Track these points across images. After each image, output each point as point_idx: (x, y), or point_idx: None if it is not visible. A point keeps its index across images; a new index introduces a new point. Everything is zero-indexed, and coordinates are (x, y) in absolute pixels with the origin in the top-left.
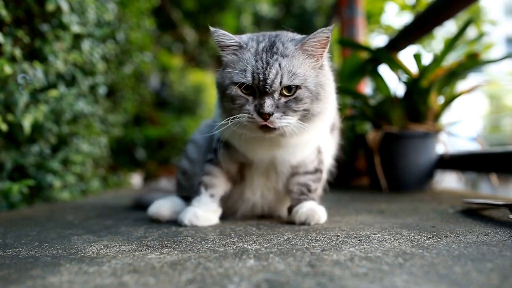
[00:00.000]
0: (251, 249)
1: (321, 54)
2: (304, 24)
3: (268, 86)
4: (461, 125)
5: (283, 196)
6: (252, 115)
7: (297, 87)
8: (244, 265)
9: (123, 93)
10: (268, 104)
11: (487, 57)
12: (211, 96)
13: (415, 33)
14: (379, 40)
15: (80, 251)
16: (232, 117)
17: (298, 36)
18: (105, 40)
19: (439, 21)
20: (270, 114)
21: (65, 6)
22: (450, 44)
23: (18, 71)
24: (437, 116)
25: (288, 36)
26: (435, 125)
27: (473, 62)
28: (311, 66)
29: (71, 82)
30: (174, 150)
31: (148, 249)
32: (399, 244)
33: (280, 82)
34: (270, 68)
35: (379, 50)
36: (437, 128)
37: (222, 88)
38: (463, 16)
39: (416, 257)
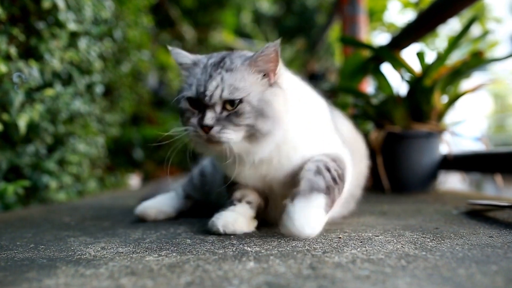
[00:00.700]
0: (251, 251)
1: (272, 70)
2: (305, 22)
3: (207, 98)
4: (465, 125)
5: None
6: (195, 128)
7: (240, 101)
8: (244, 267)
9: (120, 92)
10: (208, 117)
11: (491, 55)
12: None
13: (418, 31)
14: (381, 38)
15: (76, 253)
16: (184, 130)
17: (250, 54)
18: (102, 38)
19: (442, 19)
20: (210, 127)
21: (61, 4)
22: (454, 42)
23: (13, 70)
24: (440, 115)
25: (241, 54)
26: (438, 125)
27: (477, 61)
28: (258, 82)
29: (67, 81)
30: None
31: (146, 251)
32: (402, 246)
33: (220, 95)
34: (211, 81)
35: (382, 49)
36: (440, 128)
37: (177, 104)
38: (467, 13)
39: (419, 260)
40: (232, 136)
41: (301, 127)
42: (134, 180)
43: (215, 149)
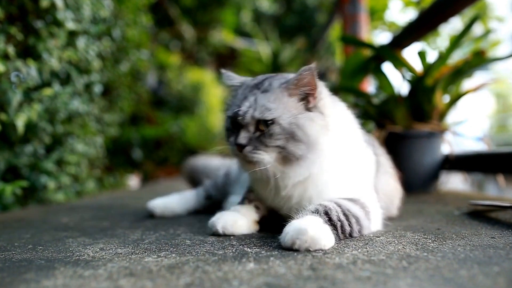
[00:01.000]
0: (251, 252)
1: (311, 94)
2: (305, 21)
3: (240, 118)
4: (467, 125)
5: None
6: (232, 146)
7: (272, 122)
8: (244, 268)
9: (119, 91)
10: (242, 136)
11: (493, 54)
12: (210, 95)
13: (419, 30)
14: (382, 37)
15: (75, 254)
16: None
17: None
18: (101, 37)
19: (444, 18)
20: (242, 146)
21: (59, 2)
22: (456, 41)
23: (11, 69)
24: (442, 115)
25: (283, 76)
26: (440, 125)
27: (479, 60)
28: (292, 105)
29: (65, 80)
30: (171, 150)
31: (145, 252)
32: (403, 247)
33: (252, 115)
34: (245, 101)
35: (383, 48)
36: (442, 128)
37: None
38: (469, 12)
39: (420, 260)
40: (264, 157)
41: (340, 163)
42: (133, 181)
43: (250, 168)
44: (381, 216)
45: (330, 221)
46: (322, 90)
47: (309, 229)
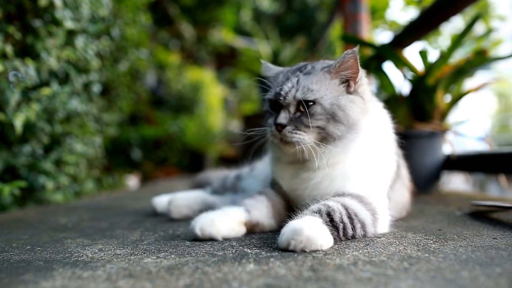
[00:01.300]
0: (251, 253)
1: (352, 78)
2: (305, 20)
3: (281, 98)
4: (469, 125)
5: None
6: (271, 127)
7: (313, 103)
8: (244, 269)
9: (118, 91)
10: (282, 116)
11: (495, 54)
12: (210, 94)
13: (421, 29)
14: (383, 37)
15: (73, 255)
16: (263, 130)
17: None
18: (100, 36)
19: (446, 17)
20: (283, 126)
21: (58, 1)
22: (457, 41)
23: (9, 69)
24: (443, 115)
25: (325, 62)
26: (441, 125)
27: (481, 59)
28: (334, 87)
29: (64, 79)
30: (171, 150)
31: (144, 253)
32: (404, 248)
33: (294, 96)
34: (287, 82)
35: (384, 47)
36: (443, 128)
37: (262, 107)
38: (470, 11)
39: (422, 261)
40: (304, 137)
41: (366, 152)
42: (132, 181)
43: (289, 150)
44: (389, 223)
45: (332, 222)
46: (363, 76)
47: (304, 229)
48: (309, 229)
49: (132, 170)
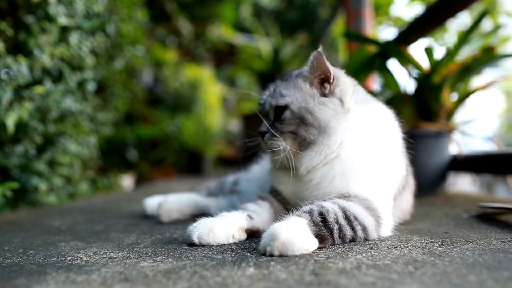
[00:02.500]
0: (251, 257)
1: (325, 79)
2: (307, 16)
3: (261, 107)
4: (476, 124)
5: None
6: (257, 136)
7: (284, 108)
8: (244, 273)
9: (113, 89)
10: (263, 124)
11: (503, 51)
12: (208, 93)
13: (426, 25)
14: (388, 33)
15: (67, 258)
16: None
17: None
18: (95, 32)
19: (452, 13)
20: (263, 134)
21: None
22: (464, 37)
23: (1, 66)
24: (450, 114)
25: (304, 68)
26: (448, 124)
27: (488, 57)
28: (307, 91)
29: (58, 77)
30: (168, 150)
31: (141, 256)
32: (409, 251)
33: (269, 103)
34: (266, 92)
35: (388, 44)
36: (450, 127)
37: None
38: (478, 7)
39: (427, 265)
40: (280, 143)
41: (362, 152)
42: (127, 181)
43: (271, 156)
44: (391, 227)
45: (325, 222)
46: (340, 76)
47: (281, 234)
48: (287, 233)
49: (128, 171)
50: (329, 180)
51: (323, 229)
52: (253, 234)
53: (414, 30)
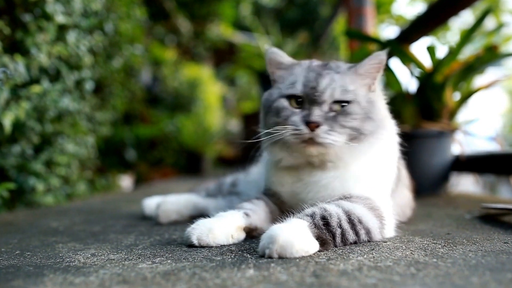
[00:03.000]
0: (251, 258)
1: (374, 78)
2: (308, 14)
3: (318, 94)
4: (479, 124)
5: None
6: (298, 126)
7: (348, 102)
8: (243, 275)
9: (111, 88)
10: (317, 114)
11: (506, 49)
12: (208, 92)
13: (429, 24)
14: (389, 32)
15: (65, 260)
16: (275, 132)
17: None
18: (92, 31)
19: (454, 11)
20: (318, 125)
21: None
22: (467, 36)
23: None
24: (452, 113)
25: (339, 63)
26: (450, 124)
27: (491, 55)
28: (364, 87)
29: (55, 76)
30: (167, 150)
31: (139, 258)
32: (411, 253)
33: (331, 94)
34: (322, 78)
35: (390, 42)
36: (452, 127)
37: (267, 104)
38: (480, 5)
39: (429, 267)
40: (337, 139)
41: (383, 155)
42: (125, 181)
43: (314, 151)
44: (394, 226)
45: (327, 225)
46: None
47: (280, 236)
48: (286, 235)
49: (126, 171)
50: (339, 183)
51: (325, 232)
52: (252, 233)
53: (416, 28)
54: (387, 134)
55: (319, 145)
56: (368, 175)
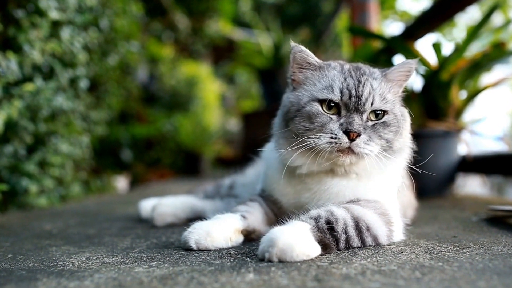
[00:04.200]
0: (251, 262)
1: (401, 86)
2: (309, 10)
3: (361, 104)
4: (486, 123)
5: None
6: (336, 134)
7: (385, 112)
8: (243, 279)
9: (107, 87)
10: (357, 123)
11: None
12: (206, 91)
13: (434, 20)
14: (394, 28)
15: (59, 264)
16: (305, 140)
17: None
18: (87, 27)
19: (461, 6)
20: (359, 134)
21: None
22: (474, 32)
23: None
24: (458, 112)
25: (368, 66)
26: (456, 123)
27: (499, 52)
28: (395, 95)
29: (49, 74)
30: (164, 151)
31: (135, 261)
32: (416, 256)
33: (372, 103)
34: (363, 86)
35: (394, 39)
36: (458, 126)
37: (295, 108)
38: (488, 0)
39: (435, 271)
40: (374, 149)
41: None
42: (121, 183)
43: (347, 161)
44: (403, 229)
45: (331, 230)
46: None
47: (280, 239)
48: (286, 238)
49: (122, 171)
50: (345, 190)
51: (329, 237)
52: (250, 235)
53: (421, 24)
54: (406, 154)
55: (355, 155)
56: (381, 184)
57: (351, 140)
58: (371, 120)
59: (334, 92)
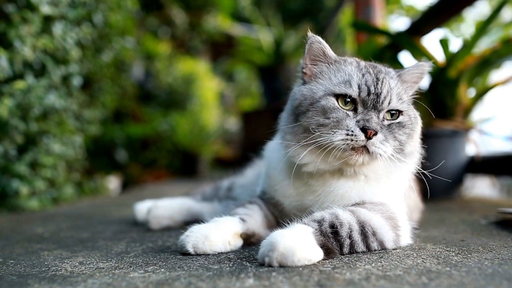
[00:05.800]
0: (251, 267)
1: (413, 88)
2: (312, 5)
3: (379, 102)
4: (495, 122)
5: None
6: (352, 131)
7: (400, 112)
8: (242, 285)
9: (101, 84)
10: (375, 121)
11: None
12: (204, 88)
13: (441, 15)
14: (399, 23)
15: (51, 268)
16: (318, 136)
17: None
18: (80, 22)
19: (469, 1)
20: (376, 133)
21: None
22: (483, 28)
23: None
24: (467, 111)
25: (382, 66)
26: (464, 122)
27: (509, 49)
28: (408, 97)
29: (40, 71)
30: (160, 151)
31: (130, 266)
32: (423, 261)
33: (389, 102)
34: (382, 84)
35: (400, 35)
36: (467, 126)
37: (309, 101)
38: None
39: (442, 276)
40: (387, 150)
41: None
42: (112, 184)
43: (360, 160)
44: (410, 232)
45: (335, 234)
46: None
47: (281, 243)
48: (287, 242)
49: (116, 172)
50: (351, 191)
51: (332, 241)
52: (249, 239)
53: (428, 20)
54: (416, 159)
55: (368, 155)
56: (389, 187)
57: (368, 138)
58: (387, 120)
59: (353, 87)
